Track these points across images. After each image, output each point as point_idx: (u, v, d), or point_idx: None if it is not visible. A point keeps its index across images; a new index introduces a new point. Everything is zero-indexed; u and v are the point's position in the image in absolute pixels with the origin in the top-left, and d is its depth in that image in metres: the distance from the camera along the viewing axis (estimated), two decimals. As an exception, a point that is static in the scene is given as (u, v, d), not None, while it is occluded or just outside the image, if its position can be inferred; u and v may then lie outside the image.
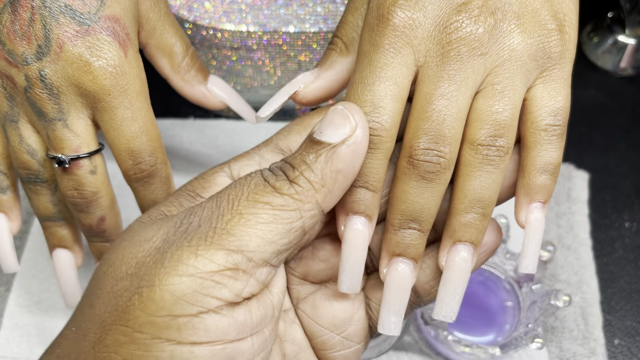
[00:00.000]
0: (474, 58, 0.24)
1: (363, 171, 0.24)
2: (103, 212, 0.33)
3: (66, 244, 0.36)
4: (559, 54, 0.25)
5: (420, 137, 0.24)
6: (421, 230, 0.25)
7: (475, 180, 0.24)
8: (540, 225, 0.26)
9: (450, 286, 0.25)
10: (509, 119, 0.24)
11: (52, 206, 0.34)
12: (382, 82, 0.24)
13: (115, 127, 0.32)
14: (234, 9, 0.46)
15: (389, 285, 0.25)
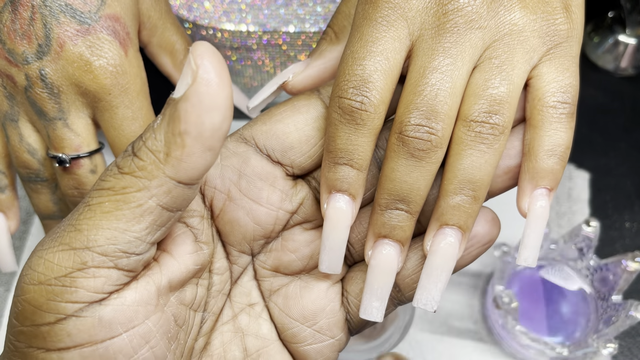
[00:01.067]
0: (472, 31, 0.23)
1: (347, 147, 0.23)
2: None
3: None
4: (566, 32, 0.24)
5: (412, 112, 0.22)
6: (409, 211, 0.23)
7: (467, 159, 0.23)
8: (545, 215, 0.24)
9: (434, 272, 0.23)
10: (506, 94, 0.23)
11: (53, 205, 0.35)
12: (373, 57, 0.23)
13: (115, 127, 0.32)
14: (234, 9, 0.46)
15: (373, 268, 0.24)
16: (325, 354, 0.26)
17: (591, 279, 0.43)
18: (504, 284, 0.41)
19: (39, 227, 0.47)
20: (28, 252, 0.45)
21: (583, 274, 0.43)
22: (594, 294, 0.42)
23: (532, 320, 0.42)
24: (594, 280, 0.43)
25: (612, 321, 0.39)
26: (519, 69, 0.23)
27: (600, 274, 0.42)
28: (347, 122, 0.23)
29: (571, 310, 0.42)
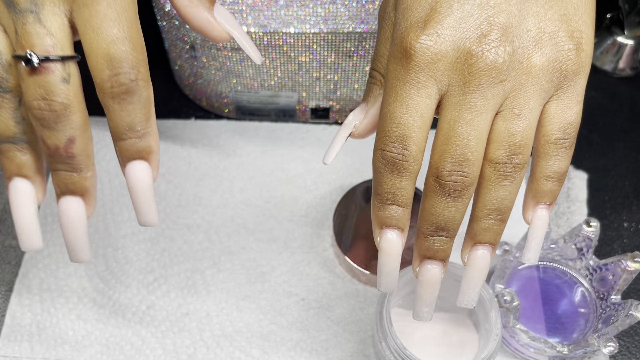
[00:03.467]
0: (494, 85, 0.26)
1: (393, 191, 0.27)
2: (73, 131, 0.29)
3: (27, 173, 0.31)
4: (574, 72, 0.27)
5: (446, 159, 0.26)
6: (448, 236, 0.28)
7: (494, 193, 0.27)
8: (544, 224, 0.30)
9: (472, 280, 0.30)
10: (525, 139, 0.27)
11: (14, 124, 0.29)
12: (409, 116, 0.26)
13: (94, 28, 0.27)
14: (235, 10, 0.46)
15: (422, 283, 0.30)
16: None
17: (590, 279, 0.43)
18: (504, 283, 0.41)
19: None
20: (28, 252, 0.46)
21: (582, 274, 0.43)
22: (593, 294, 0.43)
23: (532, 319, 0.42)
24: (593, 280, 0.43)
25: (612, 321, 0.39)
26: (535, 112, 0.27)
27: (600, 274, 0.42)
28: (390, 171, 0.27)
29: (570, 310, 0.42)
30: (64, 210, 0.31)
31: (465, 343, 0.40)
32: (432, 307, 0.31)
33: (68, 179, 0.30)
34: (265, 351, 0.41)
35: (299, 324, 0.43)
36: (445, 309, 0.42)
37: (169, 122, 0.54)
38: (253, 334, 0.42)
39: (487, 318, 0.38)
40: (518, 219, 0.48)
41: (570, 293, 0.43)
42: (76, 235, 0.31)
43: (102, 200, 0.48)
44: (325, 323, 0.43)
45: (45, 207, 0.48)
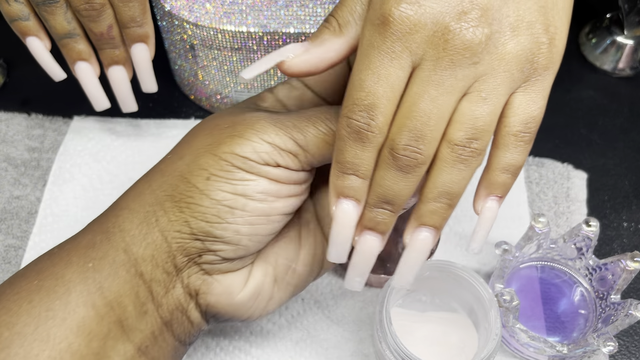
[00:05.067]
0: (467, 66, 0.25)
1: (355, 161, 0.27)
2: (111, 21, 0.41)
3: (84, 56, 0.43)
4: (544, 66, 0.27)
5: (403, 133, 0.26)
6: (392, 211, 0.28)
7: (447, 176, 0.27)
8: (493, 216, 0.29)
9: (410, 262, 0.29)
10: (487, 124, 0.26)
11: (67, 23, 0.41)
12: (380, 86, 0.26)
13: None
14: (235, 10, 0.46)
15: (358, 252, 0.29)
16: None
17: (590, 279, 0.43)
18: (503, 283, 0.41)
19: (40, 227, 0.47)
20: (29, 252, 0.46)
21: (582, 274, 0.43)
22: (593, 294, 0.43)
23: (531, 318, 0.42)
24: (593, 279, 0.43)
25: (611, 320, 0.39)
26: (501, 100, 0.27)
27: (599, 274, 0.42)
28: (354, 140, 0.26)
29: (570, 310, 0.42)
30: (113, 76, 0.44)
31: (465, 343, 0.40)
32: (364, 278, 0.30)
33: (112, 54, 0.43)
34: (264, 351, 0.41)
35: (299, 324, 0.43)
36: (445, 309, 0.42)
37: (169, 121, 0.54)
38: (252, 333, 0.42)
39: (487, 318, 0.38)
40: (517, 218, 0.48)
41: (570, 293, 0.43)
42: (123, 90, 0.46)
43: (102, 200, 0.48)
44: (325, 323, 0.43)
45: (45, 208, 0.48)
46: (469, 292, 0.40)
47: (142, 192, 0.31)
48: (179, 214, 0.29)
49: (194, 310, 0.32)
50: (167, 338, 0.31)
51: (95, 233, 0.30)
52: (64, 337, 0.28)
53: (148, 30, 0.43)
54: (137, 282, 0.29)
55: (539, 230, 0.41)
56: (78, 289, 0.29)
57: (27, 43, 0.43)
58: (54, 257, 0.31)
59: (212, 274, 0.31)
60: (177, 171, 0.30)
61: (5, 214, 0.48)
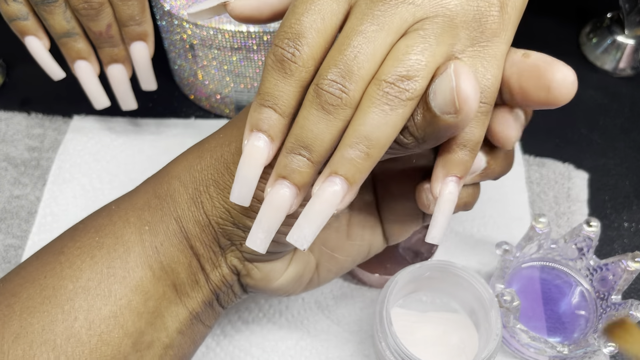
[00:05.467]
0: (404, 5, 0.24)
1: (274, 93, 0.25)
2: (109, 20, 0.42)
3: (84, 55, 0.44)
4: (494, 31, 0.25)
5: (330, 68, 0.24)
6: (310, 159, 0.25)
7: (368, 117, 0.24)
8: (453, 199, 0.27)
9: (312, 214, 0.25)
10: (424, 65, 0.24)
11: (66, 23, 0.41)
12: (310, 15, 0.24)
13: None
14: (235, 10, 0.46)
15: (267, 203, 0.26)
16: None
17: (591, 279, 0.43)
18: (504, 283, 0.41)
19: (40, 226, 0.47)
20: (29, 251, 0.46)
21: (583, 274, 0.43)
22: (594, 294, 0.43)
23: (532, 319, 0.42)
24: (593, 280, 0.43)
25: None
26: (441, 48, 0.24)
27: (600, 274, 0.42)
28: (277, 70, 0.25)
29: (571, 310, 0.42)
30: (112, 74, 0.45)
31: (465, 343, 0.40)
32: (270, 235, 0.26)
33: (111, 52, 0.44)
34: (265, 350, 0.41)
35: (299, 324, 0.43)
36: (445, 309, 0.42)
37: (169, 121, 0.54)
38: (253, 333, 0.42)
39: (487, 318, 0.38)
40: (517, 218, 0.48)
41: (571, 293, 0.43)
42: (123, 89, 0.46)
43: (102, 200, 0.48)
44: (325, 323, 0.43)
45: (45, 207, 0.48)
46: (469, 292, 0.40)
47: (192, 166, 0.31)
48: (223, 202, 0.30)
49: (237, 286, 0.33)
50: (215, 306, 0.33)
51: (149, 195, 0.32)
52: (124, 294, 0.30)
53: (147, 28, 0.43)
54: (189, 252, 0.31)
55: (539, 231, 0.40)
56: (137, 250, 0.30)
57: (26, 42, 0.43)
58: (112, 214, 0.32)
59: (252, 262, 0.32)
60: (223, 157, 0.30)
61: (5, 214, 0.48)
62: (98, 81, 0.45)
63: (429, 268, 0.39)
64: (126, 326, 0.29)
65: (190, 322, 0.32)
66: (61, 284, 0.29)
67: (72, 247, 0.31)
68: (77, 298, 0.29)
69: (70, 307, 0.29)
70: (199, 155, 0.31)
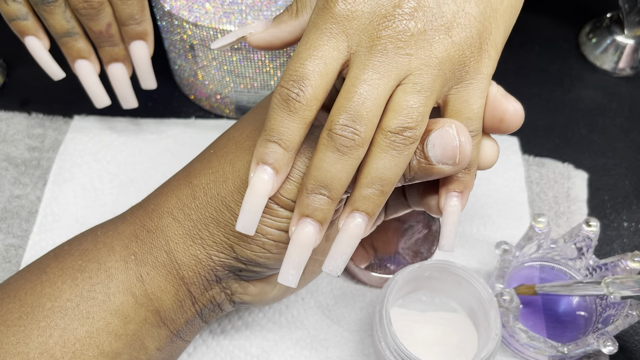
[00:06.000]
0: (399, 56, 0.27)
1: (279, 129, 0.27)
2: (109, 19, 0.42)
3: (84, 55, 0.44)
4: (477, 69, 0.28)
5: (341, 114, 0.27)
6: (330, 197, 0.28)
7: (380, 161, 0.27)
8: (457, 211, 0.30)
9: (342, 246, 0.28)
10: (421, 114, 0.27)
11: (66, 22, 0.41)
12: (313, 60, 0.27)
13: None
14: (235, 10, 0.46)
15: (294, 242, 0.28)
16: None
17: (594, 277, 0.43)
18: (503, 283, 0.41)
19: (40, 226, 0.47)
20: (29, 251, 0.46)
21: (582, 274, 0.43)
22: None
23: (531, 319, 0.42)
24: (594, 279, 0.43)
25: (611, 320, 0.39)
26: (435, 95, 0.28)
27: (600, 274, 0.42)
28: (282, 108, 0.27)
29: (570, 310, 0.42)
30: (112, 73, 0.45)
31: (465, 343, 0.40)
32: (300, 271, 0.29)
33: (111, 51, 0.44)
34: (264, 350, 0.41)
35: (299, 323, 0.43)
36: (445, 309, 0.42)
37: (169, 121, 0.54)
38: (252, 332, 0.42)
39: (487, 318, 0.38)
40: (517, 218, 0.48)
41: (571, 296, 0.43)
42: (123, 87, 0.46)
43: (102, 200, 0.48)
44: (325, 322, 0.43)
45: (45, 207, 0.48)
46: (469, 292, 0.40)
47: (186, 204, 0.32)
48: (224, 239, 0.31)
49: (226, 304, 0.34)
50: (197, 323, 0.34)
51: (137, 227, 0.33)
52: (102, 317, 0.31)
53: (147, 27, 0.43)
54: (177, 282, 0.32)
55: (539, 231, 0.41)
56: (120, 277, 0.32)
57: (25, 42, 0.43)
58: (97, 241, 0.33)
59: (249, 281, 0.33)
60: (220, 195, 0.31)
61: (5, 213, 0.48)
62: (99, 80, 0.45)
63: (429, 268, 0.40)
64: (102, 346, 0.31)
65: (171, 340, 0.34)
66: (40, 302, 0.31)
67: (54, 268, 0.32)
68: (54, 316, 0.31)
69: (47, 324, 0.30)
70: (192, 193, 0.32)
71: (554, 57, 0.60)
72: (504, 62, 0.61)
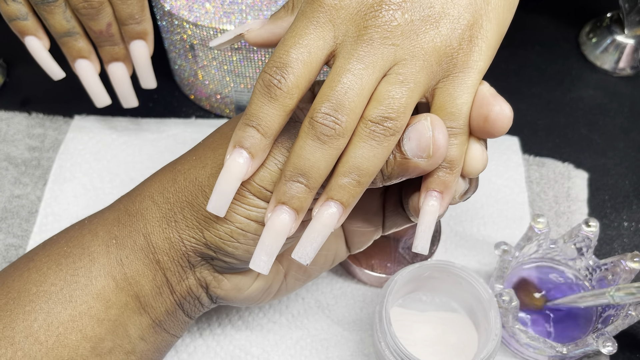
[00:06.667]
0: (385, 46, 0.27)
1: (258, 114, 0.27)
2: (109, 18, 0.42)
3: (84, 54, 0.44)
4: (465, 62, 0.28)
5: (324, 102, 0.27)
6: (307, 186, 0.27)
7: (359, 151, 0.27)
8: (434, 211, 0.29)
9: (313, 234, 0.28)
10: (403, 106, 0.27)
11: (66, 22, 0.42)
12: (298, 48, 0.27)
13: None
14: (235, 10, 0.46)
15: (268, 228, 0.28)
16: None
17: (590, 279, 0.43)
18: (503, 283, 0.41)
19: (41, 226, 0.47)
20: (30, 252, 0.46)
21: (582, 274, 0.43)
22: None
23: (534, 323, 0.42)
24: (592, 280, 0.43)
25: (611, 321, 0.39)
26: (420, 87, 0.27)
27: (599, 274, 0.42)
28: (264, 94, 0.27)
29: (570, 310, 0.42)
30: (113, 72, 0.45)
31: (465, 343, 0.40)
32: (272, 258, 0.28)
33: (111, 51, 0.44)
34: (264, 350, 0.41)
35: (299, 323, 0.43)
36: (445, 309, 0.42)
37: (169, 120, 0.54)
38: (253, 332, 0.42)
39: (487, 318, 0.38)
40: (517, 218, 0.48)
41: (570, 293, 0.43)
42: (124, 86, 0.46)
43: (102, 199, 0.49)
44: (325, 322, 0.43)
45: (46, 207, 0.48)
46: (468, 292, 0.40)
47: (166, 188, 0.32)
48: (196, 224, 0.31)
49: (204, 297, 0.34)
50: (179, 315, 0.34)
51: (120, 212, 0.33)
52: (84, 300, 0.31)
53: (146, 27, 0.44)
54: (154, 267, 0.32)
55: (538, 231, 0.41)
56: (101, 261, 0.32)
57: (25, 42, 0.43)
58: (83, 227, 0.34)
59: (222, 273, 0.33)
60: (197, 180, 0.31)
61: (5, 213, 0.48)
62: (99, 79, 0.46)
63: (429, 268, 0.40)
64: (85, 330, 0.31)
65: (154, 330, 0.34)
66: (26, 287, 0.32)
67: (41, 255, 0.33)
68: (39, 300, 0.31)
69: (31, 308, 0.31)
70: (173, 177, 0.32)
71: (554, 57, 0.60)
72: (504, 62, 0.61)
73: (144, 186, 0.34)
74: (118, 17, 0.42)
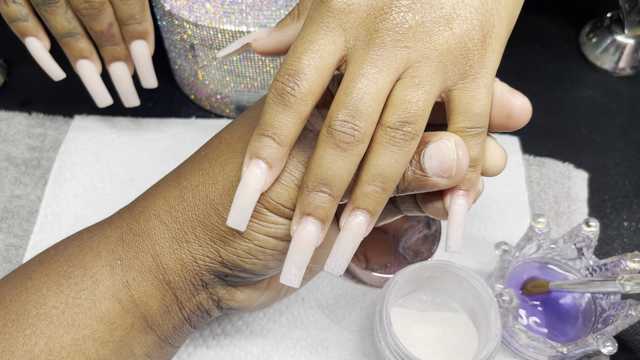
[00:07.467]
0: (398, 49, 0.26)
1: (274, 123, 0.27)
2: (110, 19, 0.42)
3: (86, 54, 0.44)
4: (481, 63, 0.28)
5: (340, 110, 0.26)
6: (331, 195, 0.27)
7: (381, 158, 0.27)
8: (463, 210, 0.29)
9: (343, 245, 0.28)
10: (420, 109, 0.27)
11: (67, 23, 0.42)
12: (309, 54, 0.27)
13: None
14: (235, 10, 0.46)
15: (296, 241, 0.27)
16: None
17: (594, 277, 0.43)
18: (503, 283, 0.41)
19: (41, 226, 0.47)
20: (30, 251, 0.46)
21: (582, 274, 0.44)
22: (593, 294, 0.43)
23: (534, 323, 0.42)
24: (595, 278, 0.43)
25: (611, 321, 0.39)
26: (435, 89, 0.27)
27: (599, 274, 0.42)
28: (277, 102, 0.27)
29: (570, 310, 0.42)
30: (114, 72, 0.46)
31: (465, 343, 0.40)
32: (302, 271, 0.28)
33: (112, 51, 0.44)
34: (265, 349, 0.41)
35: (299, 323, 0.43)
36: (445, 309, 0.42)
37: (169, 120, 0.54)
38: (253, 332, 0.42)
39: (487, 318, 0.38)
40: (517, 218, 0.48)
41: (570, 293, 0.43)
42: (125, 86, 0.46)
43: (102, 199, 0.49)
44: (325, 322, 0.43)
45: (46, 207, 0.48)
46: (469, 292, 0.40)
47: (173, 206, 0.31)
48: (210, 243, 0.31)
49: (214, 310, 0.34)
50: (185, 329, 0.34)
51: (124, 231, 0.32)
52: (88, 324, 0.30)
53: (147, 27, 0.44)
54: (163, 287, 0.31)
55: (538, 231, 0.41)
56: (106, 283, 0.31)
57: (26, 43, 0.43)
58: (83, 245, 0.33)
59: (235, 287, 0.33)
60: (209, 198, 0.30)
61: (6, 213, 0.48)
62: (100, 79, 0.46)
63: (429, 268, 0.40)
64: (88, 354, 0.30)
65: (159, 346, 0.33)
66: (25, 309, 0.30)
67: (40, 274, 0.32)
68: (40, 324, 0.30)
69: (32, 332, 0.30)
70: (180, 195, 0.31)
71: (555, 57, 0.60)
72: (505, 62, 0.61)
73: (147, 202, 0.33)
74: (119, 17, 0.42)
